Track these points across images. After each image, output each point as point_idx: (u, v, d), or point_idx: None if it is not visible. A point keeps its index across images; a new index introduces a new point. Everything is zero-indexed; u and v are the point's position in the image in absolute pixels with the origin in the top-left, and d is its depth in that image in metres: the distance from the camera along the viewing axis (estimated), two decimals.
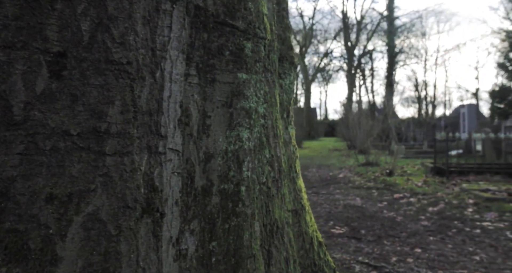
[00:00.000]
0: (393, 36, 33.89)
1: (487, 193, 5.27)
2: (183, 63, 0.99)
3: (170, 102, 0.93)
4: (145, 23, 0.85)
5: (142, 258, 0.82)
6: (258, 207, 1.26)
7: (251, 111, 1.27)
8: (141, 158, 0.84)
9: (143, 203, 0.84)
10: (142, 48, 0.85)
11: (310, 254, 1.43)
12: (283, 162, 1.42)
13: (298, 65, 2.07)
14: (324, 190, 7.05)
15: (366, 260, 3.10)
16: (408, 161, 11.72)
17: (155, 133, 0.88)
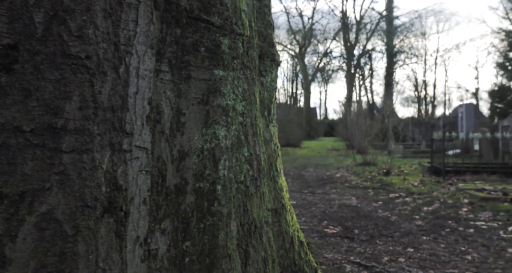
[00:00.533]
0: (392, 36, 33.86)
1: (483, 193, 5.25)
2: (152, 58, 0.97)
3: (137, 98, 0.91)
4: (106, 17, 0.83)
5: (102, 258, 0.80)
6: (235, 206, 1.24)
7: (228, 108, 1.25)
8: (102, 156, 0.82)
9: (104, 202, 0.81)
10: (103, 42, 0.83)
11: (290, 253, 1.40)
12: (263, 161, 1.40)
13: (280, 62, 2.03)
14: (320, 189, 7.03)
15: (357, 259, 3.08)
16: (405, 160, 11.70)
17: (119, 130, 0.86)
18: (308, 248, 3.44)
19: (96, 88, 0.81)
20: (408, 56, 39.38)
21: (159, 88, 1.03)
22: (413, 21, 35.79)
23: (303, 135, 36.87)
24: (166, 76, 1.06)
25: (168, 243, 1.02)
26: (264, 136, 1.44)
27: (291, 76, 50.60)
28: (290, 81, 50.82)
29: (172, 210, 1.06)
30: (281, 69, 68.66)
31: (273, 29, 1.59)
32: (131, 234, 0.88)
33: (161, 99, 1.03)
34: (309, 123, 39.90)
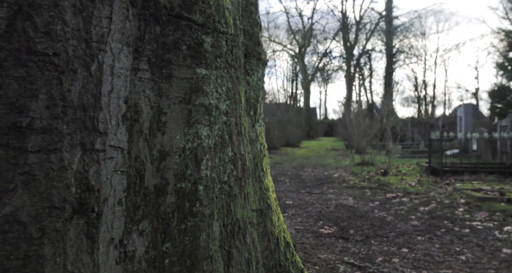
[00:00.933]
0: (391, 36, 33.85)
1: (479, 193, 5.23)
2: (129, 56, 0.95)
3: (111, 97, 0.89)
4: (76, 13, 0.81)
5: (70, 261, 0.78)
6: (218, 207, 1.22)
7: (211, 108, 1.23)
8: (72, 155, 0.80)
9: (74, 203, 0.80)
10: (73, 39, 0.81)
11: (276, 255, 1.39)
12: (248, 160, 1.38)
13: (267, 61, 2.02)
14: (317, 189, 7.01)
15: (351, 260, 3.06)
16: (404, 160, 11.68)
17: (91, 130, 0.84)
18: (303, 248, 3.42)
19: (65, 86, 0.79)
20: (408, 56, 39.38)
21: (138, 87, 1.01)
22: (412, 21, 35.78)
23: (303, 135, 36.87)
24: (145, 74, 1.04)
25: (146, 245, 1.01)
26: (249, 136, 1.43)
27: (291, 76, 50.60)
28: (290, 81, 50.82)
29: (152, 210, 1.04)
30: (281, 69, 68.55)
31: (260, 28, 1.57)
32: (105, 236, 0.86)
33: (140, 98, 1.01)
34: (309, 123, 39.88)
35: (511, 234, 3.63)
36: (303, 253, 3.26)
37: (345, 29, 35.95)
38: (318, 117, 54.55)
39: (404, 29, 36.31)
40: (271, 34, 43.26)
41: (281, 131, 24.13)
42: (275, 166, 12.07)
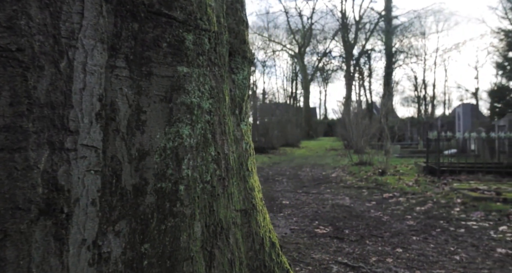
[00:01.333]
0: (391, 36, 33.84)
1: (476, 192, 5.21)
2: (103, 53, 0.93)
3: (84, 95, 0.87)
4: (42, 7, 0.79)
5: (36, 264, 0.76)
6: (200, 207, 1.21)
7: (193, 106, 1.21)
8: (39, 155, 0.78)
9: (40, 203, 0.78)
10: (39, 34, 0.79)
11: (260, 255, 1.37)
12: (232, 160, 1.36)
13: (253, 60, 1.98)
14: (314, 189, 6.99)
15: (345, 260, 3.05)
16: (402, 160, 11.67)
17: (60, 128, 0.82)
18: (297, 248, 3.40)
19: (31, 83, 0.77)
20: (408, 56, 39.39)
21: (114, 85, 0.99)
22: (412, 21, 35.77)
23: (303, 135, 36.86)
24: (123, 72, 1.02)
25: (124, 246, 0.99)
26: (234, 135, 1.41)
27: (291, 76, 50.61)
28: (290, 81, 50.81)
29: (129, 211, 1.02)
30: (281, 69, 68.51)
31: (247, 26, 1.55)
32: (76, 237, 0.84)
33: (117, 96, 1.00)
34: (309, 123, 39.88)
35: (506, 233, 3.61)
36: (297, 253, 3.25)
37: (344, 29, 35.94)
38: (318, 117, 54.57)
39: (404, 29, 36.31)
40: (271, 34, 43.28)
41: (280, 131, 24.12)
42: (274, 165, 12.05)
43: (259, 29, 44.04)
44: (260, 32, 44.00)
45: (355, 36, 36.58)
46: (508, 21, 30.95)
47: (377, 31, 36.15)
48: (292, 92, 49.68)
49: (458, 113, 12.90)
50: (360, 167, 9.92)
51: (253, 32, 44.67)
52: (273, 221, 4.43)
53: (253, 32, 44.62)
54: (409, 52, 39.10)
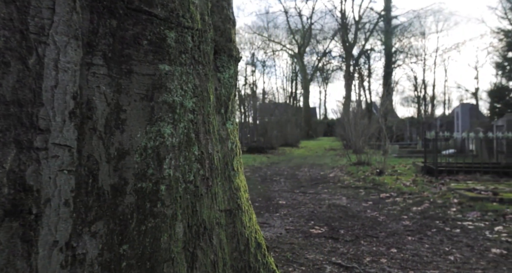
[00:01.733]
0: (390, 36, 33.83)
1: (473, 193, 5.20)
2: (78, 50, 0.92)
3: (56, 92, 0.86)
4: (7, 2, 0.78)
5: (0, 267, 0.74)
6: (183, 207, 1.19)
7: (175, 105, 1.20)
8: (4, 154, 0.76)
9: (6, 204, 0.76)
10: (4, 29, 0.77)
11: (245, 256, 1.35)
12: (216, 160, 1.35)
13: (240, 58, 1.93)
14: (312, 189, 6.98)
15: (339, 260, 3.03)
16: (400, 160, 11.66)
17: (28, 127, 0.80)
18: (291, 248, 3.39)
19: None
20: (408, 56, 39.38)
21: (91, 83, 0.97)
22: (411, 21, 35.75)
23: (302, 135, 36.85)
24: (101, 70, 1.01)
25: (100, 247, 0.97)
26: (219, 134, 1.39)
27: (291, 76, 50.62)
28: (290, 81, 50.81)
29: (107, 211, 1.01)
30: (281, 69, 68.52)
31: (233, 24, 1.54)
32: (46, 239, 0.82)
33: (94, 94, 0.98)
34: (308, 123, 39.87)
35: (501, 234, 3.60)
36: (291, 253, 3.23)
37: (344, 29, 35.92)
38: (318, 117, 54.54)
39: (403, 29, 36.30)
40: (271, 34, 43.26)
41: (279, 131, 24.11)
42: (272, 165, 12.03)
43: (259, 29, 44.05)
44: (260, 32, 44.02)
45: (354, 36, 36.57)
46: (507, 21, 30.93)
47: (377, 31, 36.15)
48: (292, 92, 49.67)
49: (457, 113, 12.89)
50: (358, 167, 9.91)
51: (252, 32, 44.65)
52: (269, 221, 4.42)
53: (252, 32, 44.61)
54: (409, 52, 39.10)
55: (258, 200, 5.89)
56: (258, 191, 6.87)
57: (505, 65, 31.16)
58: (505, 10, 30.78)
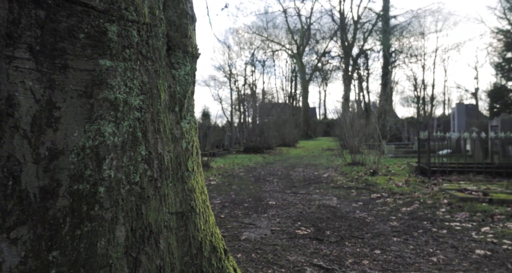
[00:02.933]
0: (388, 36, 33.77)
1: (463, 193, 5.14)
2: None
3: None
4: None
5: None
6: (126, 210, 1.14)
7: (117, 102, 1.14)
8: None
9: None
10: None
11: (197, 260, 1.30)
12: (167, 160, 1.29)
13: (198, 55, 1.86)
14: (303, 189, 6.92)
15: (320, 262, 2.98)
16: (396, 160, 11.60)
17: None
18: (273, 250, 3.33)
19: None
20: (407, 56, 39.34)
21: (13, 78, 0.92)
22: (410, 21, 35.69)
23: (301, 135, 36.79)
24: (26, 64, 0.95)
25: (23, 254, 0.92)
26: (172, 133, 1.34)
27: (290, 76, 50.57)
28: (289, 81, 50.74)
29: (34, 216, 0.95)
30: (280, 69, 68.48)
31: (192, 19, 1.48)
32: None
33: (17, 90, 0.93)
34: (307, 123, 39.80)
35: (487, 234, 3.54)
36: (272, 255, 3.18)
37: (343, 29, 35.86)
38: (318, 117, 54.42)
39: (402, 29, 36.25)
40: (270, 34, 43.19)
41: (276, 131, 24.06)
42: (267, 165, 11.97)
43: (258, 29, 43.99)
44: (259, 32, 43.94)
45: (353, 36, 36.51)
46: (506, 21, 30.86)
47: (375, 31, 36.12)
48: (292, 92, 49.59)
49: (453, 114, 12.83)
50: (353, 167, 9.85)
51: (252, 32, 44.60)
52: (255, 222, 4.36)
53: (252, 32, 44.55)
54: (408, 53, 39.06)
55: (248, 201, 5.83)
56: (249, 191, 6.82)
57: (504, 65, 31.14)
58: (504, 10, 30.73)
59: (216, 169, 10.52)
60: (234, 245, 3.46)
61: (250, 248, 3.37)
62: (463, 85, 59.04)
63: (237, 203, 5.66)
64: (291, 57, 43.79)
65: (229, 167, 11.31)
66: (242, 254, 3.19)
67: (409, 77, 47.83)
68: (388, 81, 33.81)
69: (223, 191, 6.87)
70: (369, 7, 35.79)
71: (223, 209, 5.21)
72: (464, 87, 43.48)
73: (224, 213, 4.93)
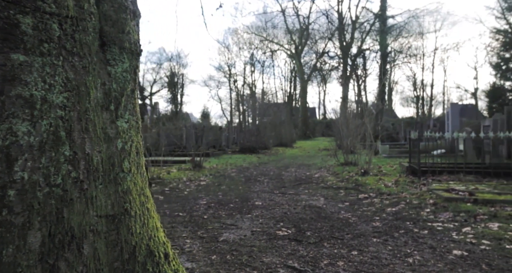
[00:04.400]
0: (385, 36, 33.71)
1: (449, 193, 5.08)
2: None
3: None
4: None
5: None
6: (43, 214, 1.07)
7: (34, 100, 1.08)
8: None
9: None
10: None
11: (129, 266, 1.24)
12: (97, 160, 1.23)
13: (139, 52, 1.79)
14: (292, 190, 6.85)
15: (295, 264, 2.92)
16: (389, 160, 11.54)
17: None
18: (249, 252, 3.27)
19: None
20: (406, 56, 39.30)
21: None
22: (408, 20, 35.65)
23: (300, 135, 36.71)
24: None
25: None
26: (105, 133, 1.28)
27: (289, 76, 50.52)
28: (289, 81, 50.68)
29: None
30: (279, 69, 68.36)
31: (132, 14, 1.42)
32: None
33: None
34: (306, 123, 39.72)
35: (467, 235, 3.48)
36: (247, 256, 3.12)
37: (341, 29, 35.79)
38: (318, 117, 54.27)
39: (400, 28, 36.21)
40: (269, 34, 43.12)
41: (273, 131, 24.00)
42: (260, 166, 11.91)
43: (257, 30, 43.92)
44: (258, 32, 43.85)
45: (351, 36, 36.45)
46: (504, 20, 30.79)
47: (373, 31, 36.08)
48: (291, 92, 49.50)
49: (447, 114, 12.76)
50: (345, 167, 9.79)
51: (251, 32, 44.51)
52: (238, 223, 4.30)
53: (251, 32, 44.46)
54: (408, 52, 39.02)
55: (234, 201, 5.77)
56: (238, 191, 6.75)
57: (502, 65, 31.08)
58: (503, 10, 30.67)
59: (208, 169, 10.46)
60: (211, 246, 3.40)
61: (226, 250, 3.31)
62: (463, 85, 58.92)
63: (223, 203, 5.60)
64: (290, 57, 43.71)
65: (221, 167, 11.25)
66: (217, 256, 3.14)
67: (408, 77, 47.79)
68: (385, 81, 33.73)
69: (211, 191, 6.81)
70: (367, 7, 35.69)
71: (207, 209, 5.15)
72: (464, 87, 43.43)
73: (208, 213, 4.87)
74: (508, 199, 4.53)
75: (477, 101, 41.28)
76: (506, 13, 30.80)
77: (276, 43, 43.76)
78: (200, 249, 3.33)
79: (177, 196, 6.37)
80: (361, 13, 35.90)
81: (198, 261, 2.99)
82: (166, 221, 4.44)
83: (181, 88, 50.41)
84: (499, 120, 8.54)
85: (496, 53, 31.27)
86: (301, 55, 39.98)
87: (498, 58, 30.81)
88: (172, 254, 1.50)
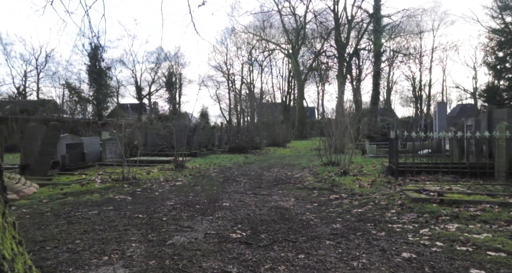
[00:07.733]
0: (379, 35, 33.59)
1: (418, 194, 4.93)
2: None
3: None
4: None
5: None
6: None
7: None
8: None
9: None
10: None
11: None
12: None
13: None
14: (267, 190, 6.70)
15: (234, 269, 2.77)
16: (374, 160, 11.40)
17: None
18: (191, 256, 3.11)
19: None
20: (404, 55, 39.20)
21: None
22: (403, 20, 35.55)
23: (296, 135, 36.51)
24: None
25: None
26: None
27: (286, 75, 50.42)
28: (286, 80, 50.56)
29: None
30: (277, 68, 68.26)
31: None
32: None
33: None
34: (302, 122, 39.53)
35: (423, 236, 3.34)
36: (187, 261, 2.96)
37: (337, 29, 35.66)
38: (317, 117, 54.03)
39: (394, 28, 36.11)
40: (266, 33, 42.96)
41: (265, 130, 23.86)
42: (244, 165, 11.75)
43: (255, 29, 43.78)
44: (256, 32, 43.71)
45: (347, 36, 36.33)
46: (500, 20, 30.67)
47: (368, 30, 35.98)
48: (289, 91, 49.32)
49: (435, 113, 12.63)
50: (327, 167, 9.65)
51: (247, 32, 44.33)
52: (195, 225, 4.15)
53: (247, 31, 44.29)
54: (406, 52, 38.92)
55: (202, 202, 5.62)
56: (211, 192, 6.60)
57: (496, 64, 31.01)
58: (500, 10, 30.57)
59: (190, 169, 10.30)
60: (155, 250, 3.25)
61: (169, 254, 3.15)
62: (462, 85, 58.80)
63: (190, 204, 5.44)
64: (287, 57, 43.49)
65: (204, 167, 11.09)
66: (156, 261, 2.98)
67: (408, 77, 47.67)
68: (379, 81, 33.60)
69: (183, 192, 6.65)
70: (361, 6, 35.54)
71: (171, 211, 4.99)
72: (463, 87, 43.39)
73: (169, 215, 4.71)
74: (475, 199, 4.38)
75: (476, 100, 41.20)
76: (502, 12, 30.71)
77: (273, 43, 43.60)
78: (142, 253, 3.17)
79: (146, 197, 6.21)
80: (356, 13, 35.80)
81: (133, 267, 2.83)
82: (122, 223, 4.29)
83: (179, 88, 50.20)
84: (481, 120, 8.40)
85: (492, 53, 31.18)
86: (297, 55, 39.84)
87: (494, 58, 30.71)
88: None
